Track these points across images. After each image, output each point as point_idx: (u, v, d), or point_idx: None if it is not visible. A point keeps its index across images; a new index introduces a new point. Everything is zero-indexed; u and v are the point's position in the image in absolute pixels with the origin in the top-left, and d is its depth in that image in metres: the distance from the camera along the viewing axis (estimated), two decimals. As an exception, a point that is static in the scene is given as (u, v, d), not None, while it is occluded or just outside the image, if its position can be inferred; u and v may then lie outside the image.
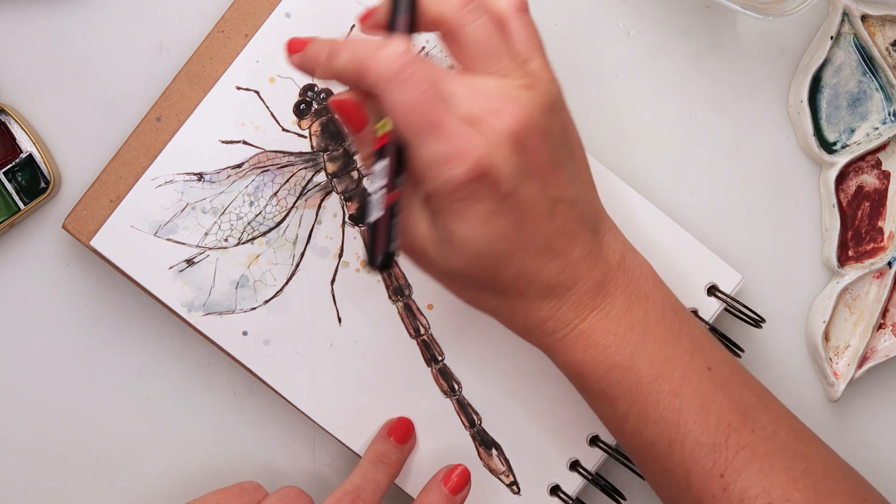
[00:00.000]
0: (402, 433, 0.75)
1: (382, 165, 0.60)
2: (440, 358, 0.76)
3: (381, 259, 0.59)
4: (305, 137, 0.76)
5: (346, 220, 0.76)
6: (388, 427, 0.76)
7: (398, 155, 0.60)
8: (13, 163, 0.76)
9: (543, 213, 0.63)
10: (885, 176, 0.80)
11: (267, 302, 0.75)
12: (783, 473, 0.67)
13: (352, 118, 0.62)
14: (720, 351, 0.69)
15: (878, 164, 0.80)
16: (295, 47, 0.64)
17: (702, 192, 0.80)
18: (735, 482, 0.66)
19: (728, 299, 0.77)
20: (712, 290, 0.77)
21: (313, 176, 0.76)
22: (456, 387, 0.77)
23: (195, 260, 0.75)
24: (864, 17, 0.78)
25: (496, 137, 0.59)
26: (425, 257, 0.63)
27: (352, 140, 0.65)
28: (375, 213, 0.59)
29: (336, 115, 0.64)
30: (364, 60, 0.59)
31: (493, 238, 0.62)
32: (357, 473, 0.73)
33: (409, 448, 0.76)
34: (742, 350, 0.78)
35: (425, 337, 0.76)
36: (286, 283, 0.75)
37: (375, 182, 0.60)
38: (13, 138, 0.76)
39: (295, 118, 0.75)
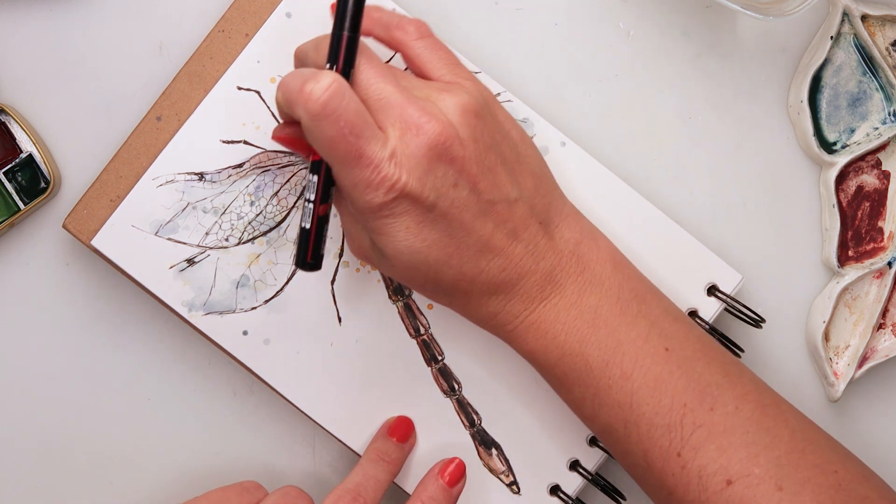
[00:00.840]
0: (402, 432, 0.75)
1: (313, 181, 0.64)
2: (440, 358, 0.76)
3: (306, 265, 0.65)
4: (306, 137, 0.76)
5: (347, 219, 0.76)
6: (389, 426, 0.76)
7: (328, 172, 0.65)
8: (13, 163, 0.76)
9: (476, 215, 0.65)
10: (885, 176, 0.80)
11: (267, 301, 0.75)
12: (743, 449, 0.67)
13: (296, 149, 0.67)
14: (685, 329, 0.70)
15: (878, 164, 0.80)
16: None
17: (702, 192, 0.80)
18: (692, 460, 0.67)
19: (728, 299, 0.77)
20: (712, 290, 0.77)
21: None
22: (456, 386, 0.77)
23: (196, 259, 0.75)
24: (864, 17, 0.78)
25: (411, 160, 0.63)
26: (373, 263, 0.68)
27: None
28: (305, 223, 0.65)
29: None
30: (291, 97, 0.62)
31: (423, 248, 0.65)
32: (358, 471, 0.73)
33: (410, 447, 0.76)
34: (742, 350, 0.78)
35: (425, 336, 0.76)
36: (286, 282, 0.75)
37: (308, 193, 0.64)
38: (13, 138, 0.76)
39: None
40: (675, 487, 0.67)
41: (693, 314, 0.77)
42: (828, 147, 0.80)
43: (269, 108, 0.75)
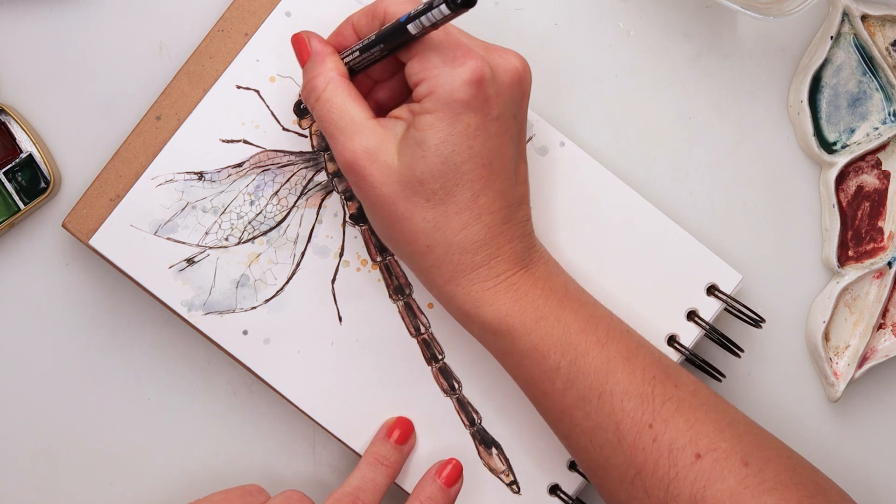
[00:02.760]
0: (401, 434, 0.75)
1: None
2: (440, 357, 0.76)
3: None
4: (306, 137, 0.76)
5: (347, 219, 0.76)
6: (388, 427, 0.76)
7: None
8: (13, 163, 0.76)
9: (512, 156, 0.68)
10: (885, 176, 0.80)
11: (267, 301, 0.75)
12: (709, 424, 0.68)
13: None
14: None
15: (878, 164, 0.80)
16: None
17: (702, 192, 0.80)
18: (664, 433, 0.67)
19: (728, 299, 0.77)
20: (712, 290, 0.77)
21: (314, 175, 0.76)
22: (456, 386, 0.77)
23: (195, 259, 0.75)
24: (864, 17, 0.78)
25: (495, 68, 0.67)
26: (382, 163, 0.67)
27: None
28: None
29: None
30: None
31: (468, 151, 0.66)
32: (356, 475, 0.73)
33: (409, 449, 0.76)
34: (742, 350, 0.78)
35: (426, 336, 0.76)
36: (287, 282, 0.75)
37: None
38: (13, 138, 0.76)
39: (295, 117, 0.75)
40: (645, 462, 0.67)
41: (693, 314, 0.77)
42: (828, 147, 0.80)
43: (268, 107, 0.75)
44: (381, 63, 0.70)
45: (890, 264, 0.80)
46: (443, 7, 0.62)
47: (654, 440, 0.67)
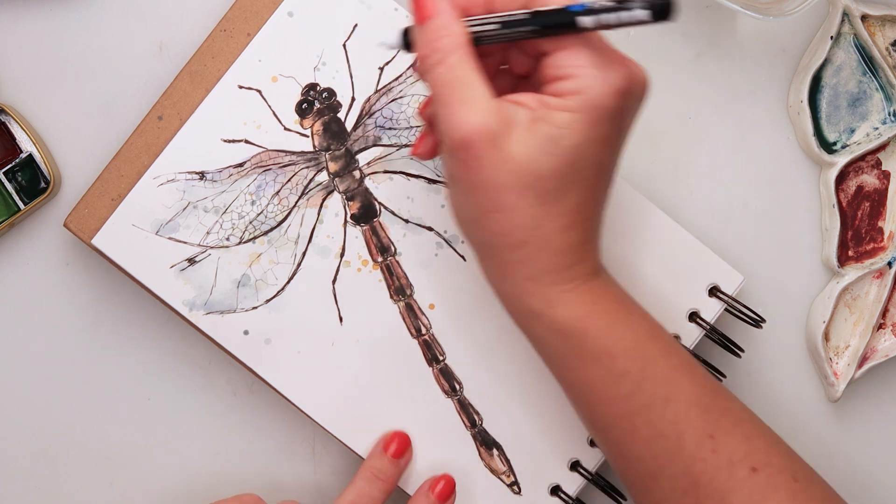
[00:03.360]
0: (398, 448, 0.75)
1: None
2: (441, 358, 0.76)
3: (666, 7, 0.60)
4: (307, 137, 0.76)
5: (348, 219, 0.76)
6: (385, 441, 0.75)
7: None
8: (13, 163, 0.76)
9: (617, 170, 0.67)
10: (885, 176, 0.80)
11: (268, 301, 0.75)
12: (762, 439, 0.68)
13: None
14: None
15: (878, 164, 0.80)
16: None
17: (702, 192, 0.80)
18: (724, 444, 0.67)
19: (729, 300, 0.77)
20: (713, 291, 0.77)
21: (315, 175, 0.76)
22: (457, 387, 0.77)
23: (196, 259, 0.75)
24: (864, 17, 0.78)
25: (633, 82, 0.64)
26: (502, 147, 0.63)
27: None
28: None
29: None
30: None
31: (594, 159, 0.64)
32: (352, 490, 0.73)
33: (406, 463, 0.76)
34: (742, 350, 0.78)
35: (427, 337, 0.76)
36: (287, 282, 0.75)
37: None
38: (13, 138, 0.76)
39: (297, 117, 0.75)
40: (703, 473, 0.66)
41: (694, 315, 0.77)
42: (828, 147, 0.80)
43: (270, 107, 0.75)
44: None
45: (890, 264, 0.80)
46: (640, 13, 0.60)
47: (713, 451, 0.67)
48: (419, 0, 0.65)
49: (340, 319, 0.76)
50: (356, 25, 0.75)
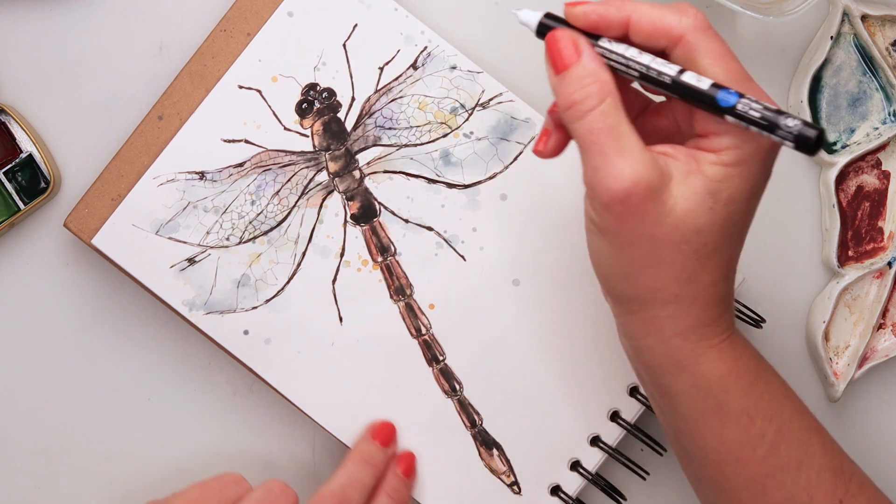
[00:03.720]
0: (385, 436, 0.75)
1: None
2: (441, 358, 0.76)
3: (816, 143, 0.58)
4: (307, 136, 0.76)
5: (348, 219, 0.76)
6: (372, 430, 0.75)
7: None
8: (13, 163, 0.76)
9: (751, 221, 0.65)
10: (885, 176, 0.80)
11: (268, 301, 0.75)
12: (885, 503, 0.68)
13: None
14: None
15: (878, 164, 0.80)
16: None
17: (702, 192, 0.80)
18: None
19: (728, 299, 0.77)
20: (713, 290, 0.77)
21: (315, 175, 0.76)
22: (457, 387, 0.77)
23: (196, 259, 0.75)
24: (864, 17, 0.78)
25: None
26: (661, 202, 0.61)
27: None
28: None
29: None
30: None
31: (745, 212, 0.62)
32: (342, 473, 0.73)
33: (392, 451, 0.76)
34: (742, 350, 0.78)
35: (426, 337, 0.76)
36: (287, 282, 0.75)
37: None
38: (13, 138, 0.76)
39: (297, 117, 0.75)
40: None
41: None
42: (828, 147, 0.80)
43: (270, 107, 0.75)
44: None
45: (890, 264, 0.80)
46: (788, 142, 0.58)
47: None
48: (557, 47, 0.62)
49: (340, 319, 0.76)
50: (356, 25, 0.75)
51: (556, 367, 0.77)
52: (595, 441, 0.77)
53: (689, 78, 0.61)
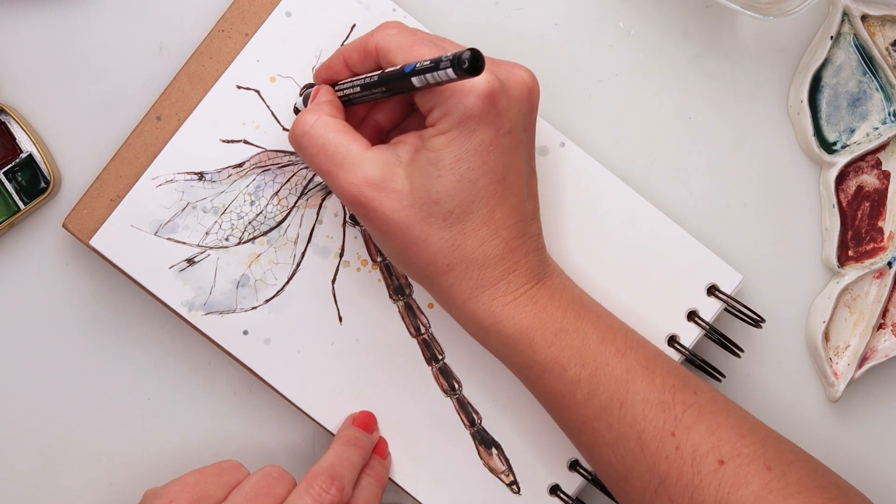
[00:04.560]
0: (366, 423, 0.76)
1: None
2: (440, 357, 0.76)
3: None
4: (306, 137, 0.76)
5: (347, 219, 0.76)
6: (353, 418, 0.76)
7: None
8: (13, 163, 0.76)
9: (524, 170, 0.69)
10: (885, 176, 0.80)
11: (268, 301, 0.75)
12: (730, 430, 0.68)
13: None
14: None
15: (878, 164, 0.80)
16: None
17: (702, 192, 0.80)
18: (686, 440, 0.67)
19: (728, 299, 0.77)
20: (712, 291, 0.77)
21: (314, 175, 0.76)
22: (456, 386, 0.77)
23: (196, 259, 0.75)
24: (864, 17, 0.78)
25: (505, 82, 0.67)
26: (391, 190, 0.67)
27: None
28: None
29: None
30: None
31: (482, 167, 0.66)
32: (330, 454, 0.73)
33: (375, 439, 0.76)
34: (742, 350, 0.78)
35: (426, 336, 0.76)
36: (287, 282, 0.75)
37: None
38: (13, 138, 0.76)
39: (296, 117, 0.75)
40: (669, 471, 0.67)
41: (693, 314, 0.77)
42: (828, 147, 0.80)
43: (268, 107, 0.75)
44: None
45: (890, 264, 0.80)
46: (449, 71, 0.61)
47: (676, 448, 0.67)
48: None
49: (340, 319, 0.76)
50: (354, 25, 0.75)
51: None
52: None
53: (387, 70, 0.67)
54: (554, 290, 0.69)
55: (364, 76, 0.69)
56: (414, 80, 0.64)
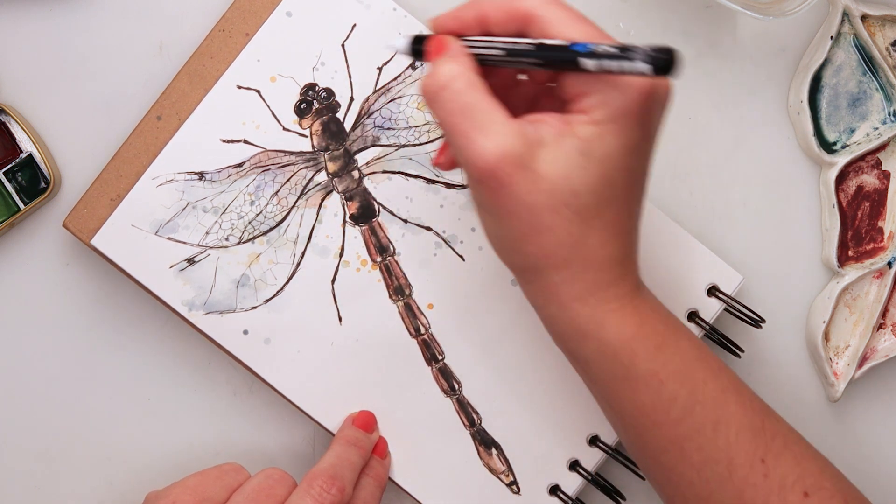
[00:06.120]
0: (366, 423, 0.76)
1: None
2: (440, 357, 0.77)
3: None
4: (306, 137, 0.76)
5: (347, 219, 0.76)
6: (353, 419, 0.76)
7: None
8: (13, 163, 0.76)
9: (648, 179, 0.65)
10: (885, 176, 0.80)
11: (268, 301, 0.75)
12: (812, 462, 0.67)
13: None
14: None
15: (878, 164, 0.80)
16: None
17: (702, 192, 0.80)
18: (775, 468, 0.65)
19: (728, 300, 0.77)
20: (712, 291, 0.77)
21: (314, 175, 0.76)
22: (456, 386, 0.77)
23: (196, 259, 0.75)
24: (864, 17, 0.78)
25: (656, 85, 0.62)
26: (531, 170, 0.61)
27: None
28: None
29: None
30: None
31: (626, 168, 0.63)
32: (331, 454, 0.73)
33: (375, 439, 0.76)
34: (742, 350, 0.78)
35: (426, 336, 0.76)
36: (287, 282, 0.75)
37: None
38: (13, 138, 0.76)
39: (296, 117, 0.75)
40: (754, 499, 0.65)
41: (693, 315, 0.77)
42: (828, 147, 0.80)
43: (268, 107, 0.75)
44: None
45: (890, 264, 0.80)
46: (641, 65, 0.58)
47: (765, 476, 0.65)
48: (427, 52, 0.64)
49: (340, 319, 0.76)
50: (355, 25, 0.75)
51: (554, 366, 0.77)
52: (594, 441, 0.77)
53: (546, 41, 0.62)
54: (652, 302, 0.67)
55: (511, 40, 0.62)
56: (589, 63, 0.60)
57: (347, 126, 0.76)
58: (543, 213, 0.62)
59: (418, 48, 0.65)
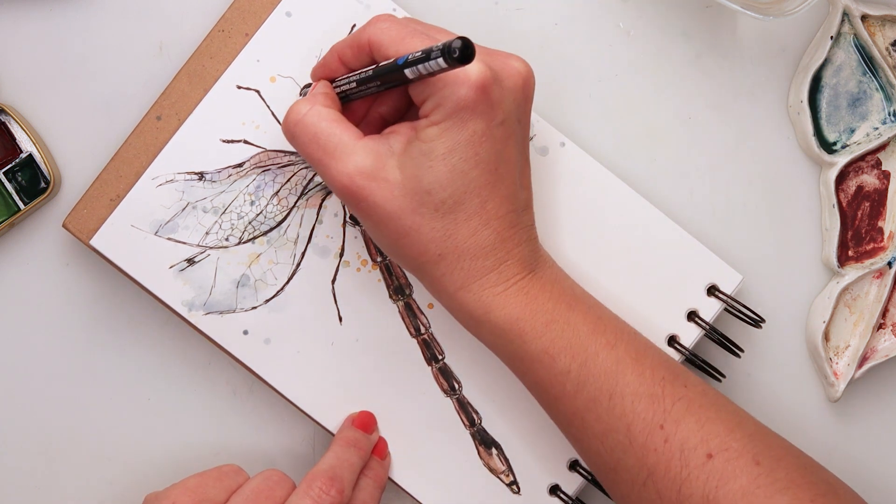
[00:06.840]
0: (365, 423, 0.76)
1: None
2: (440, 357, 0.76)
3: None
4: (306, 137, 0.76)
5: (347, 219, 0.76)
6: (352, 419, 0.76)
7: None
8: (13, 163, 0.76)
9: (517, 161, 0.69)
10: (885, 176, 0.80)
11: (268, 301, 0.75)
12: (719, 424, 0.68)
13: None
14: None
15: (878, 164, 0.80)
16: None
17: (702, 192, 0.80)
18: (675, 433, 0.67)
19: (728, 300, 0.77)
20: (712, 291, 0.77)
21: (314, 175, 0.76)
22: (456, 386, 0.77)
23: (196, 259, 0.75)
24: (864, 17, 0.78)
25: (498, 72, 0.67)
26: (382, 180, 0.67)
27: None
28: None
29: None
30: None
31: (474, 158, 0.66)
32: (330, 455, 0.73)
33: (375, 439, 0.76)
34: (742, 350, 0.78)
35: (426, 336, 0.76)
36: (287, 282, 0.75)
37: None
38: (13, 138, 0.76)
39: (289, 107, 0.75)
40: (657, 464, 0.68)
41: (693, 315, 0.77)
42: (828, 147, 0.80)
43: (268, 107, 0.75)
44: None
45: (890, 264, 0.80)
46: (440, 60, 0.62)
47: (665, 441, 0.67)
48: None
49: (340, 319, 0.76)
50: (354, 25, 0.75)
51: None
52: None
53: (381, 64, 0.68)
54: (545, 280, 0.70)
55: (359, 71, 0.69)
56: (407, 71, 0.65)
57: (347, 126, 0.76)
58: (405, 216, 0.67)
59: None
